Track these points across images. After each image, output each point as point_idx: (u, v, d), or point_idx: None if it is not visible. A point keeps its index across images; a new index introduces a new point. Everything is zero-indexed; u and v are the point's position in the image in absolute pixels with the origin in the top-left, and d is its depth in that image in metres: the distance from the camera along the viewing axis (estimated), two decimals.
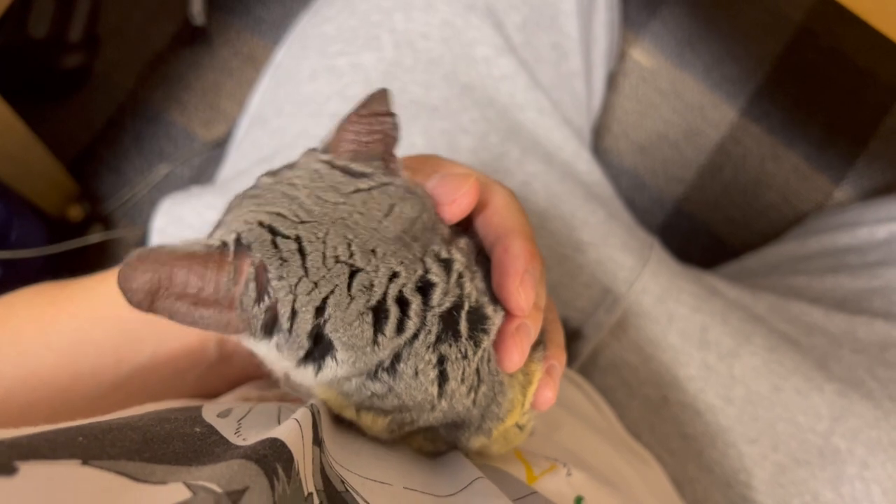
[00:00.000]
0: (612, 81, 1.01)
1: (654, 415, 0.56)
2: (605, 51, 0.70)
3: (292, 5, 1.02)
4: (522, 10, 0.61)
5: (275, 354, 0.28)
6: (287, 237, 0.26)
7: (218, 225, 0.28)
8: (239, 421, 0.28)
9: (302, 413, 0.27)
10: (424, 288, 0.28)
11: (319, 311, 0.26)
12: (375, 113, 0.30)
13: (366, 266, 0.27)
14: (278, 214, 0.27)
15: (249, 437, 0.26)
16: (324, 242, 0.26)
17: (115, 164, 0.98)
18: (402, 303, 0.27)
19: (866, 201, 0.85)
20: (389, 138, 0.30)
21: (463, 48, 0.60)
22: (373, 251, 0.27)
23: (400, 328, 0.27)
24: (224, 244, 0.26)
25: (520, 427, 0.35)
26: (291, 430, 0.25)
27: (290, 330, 0.26)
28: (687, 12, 1.04)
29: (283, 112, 0.61)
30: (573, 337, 0.57)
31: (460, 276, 0.29)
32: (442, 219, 0.30)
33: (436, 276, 0.28)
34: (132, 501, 0.20)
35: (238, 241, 0.26)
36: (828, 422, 0.53)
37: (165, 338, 0.39)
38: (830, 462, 0.53)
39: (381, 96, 0.30)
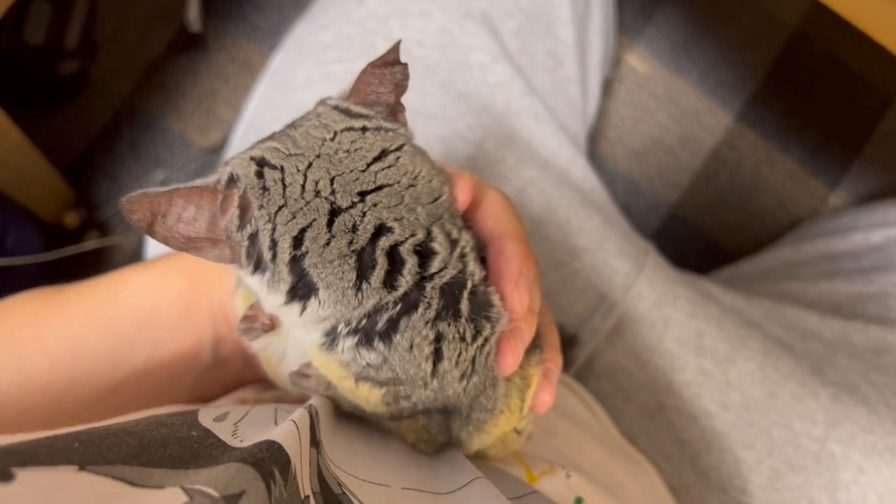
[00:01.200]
0: (608, 87, 1.02)
1: (650, 420, 0.56)
2: (601, 57, 0.71)
3: (288, 12, 1.02)
4: (518, 18, 0.62)
5: (265, 291, 0.28)
6: (273, 167, 0.27)
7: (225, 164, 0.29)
8: (235, 424, 0.28)
9: (299, 414, 0.27)
10: (424, 254, 0.28)
11: (297, 242, 0.27)
12: (388, 63, 0.30)
13: (348, 207, 0.27)
14: (274, 149, 0.28)
15: (246, 439, 0.26)
16: (304, 175, 0.27)
17: (111, 171, 0.98)
18: (396, 261, 0.27)
19: (861, 206, 0.85)
20: (400, 87, 0.31)
21: (459, 55, 0.60)
22: (361, 196, 0.27)
23: (389, 283, 0.27)
24: (220, 178, 0.27)
25: (518, 432, 0.35)
26: (289, 433, 0.25)
27: (273, 260, 0.27)
28: (682, 18, 1.05)
29: (279, 118, 0.61)
30: (569, 343, 0.57)
31: (464, 254, 0.29)
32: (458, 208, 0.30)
33: (439, 245, 0.28)
34: None
35: (231, 175, 0.27)
36: (823, 427, 0.53)
37: (160, 342, 0.39)
38: (826, 467, 0.53)
39: (394, 48, 0.31)
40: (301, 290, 0.27)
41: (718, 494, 0.54)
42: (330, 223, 0.27)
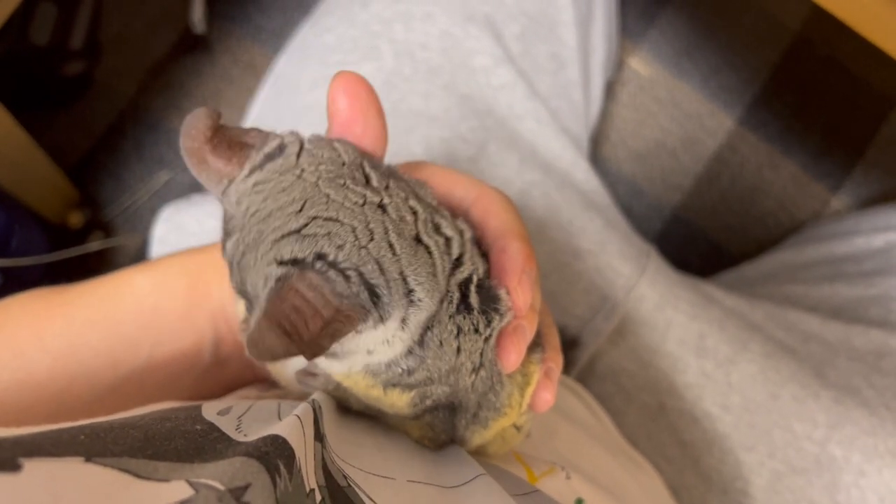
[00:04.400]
0: (611, 90, 1.02)
1: (652, 422, 0.56)
2: (604, 60, 0.71)
3: (293, 14, 1.02)
4: (521, 21, 0.62)
5: (391, 332, 0.27)
6: (313, 233, 0.25)
7: (249, 302, 0.27)
8: (239, 418, 0.28)
9: (303, 409, 0.28)
10: (439, 234, 0.28)
11: (391, 247, 0.26)
12: (207, 130, 0.28)
13: (382, 199, 0.26)
14: (275, 242, 0.26)
15: (250, 433, 0.26)
16: (326, 198, 0.26)
17: (115, 171, 0.98)
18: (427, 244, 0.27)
19: (863, 210, 0.85)
20: (227, 132, 0.28)
21: (462, 58, 0.60)
22: (368, 185, 0.27)
23: (442, 266, 0.27)
24: (278, 280, 0.25)
25: (517, 428, 0.35)
26: (292, 427, 0.25)
27: (388, 285, 0.25)
28: (685, 22, 1.05)
29: (283, 121, 0.62)
30: (571, 344, 0.58)
31: (471, 245, 0.29)
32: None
33: (449, 230, 0.28)
34: (135, 498, 0.20)
35: (278, 279, 0.25)
36: (824, 429, 0.54)
37: (161, 341, 0.39)
38: (827, 469, 0.53)
39: (192, 120, 0.28)
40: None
41: (720, 496, 0.54)
42: (389, 218, 0.26)
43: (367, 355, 0.28)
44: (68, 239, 0.92)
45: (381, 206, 0.26)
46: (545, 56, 0.63)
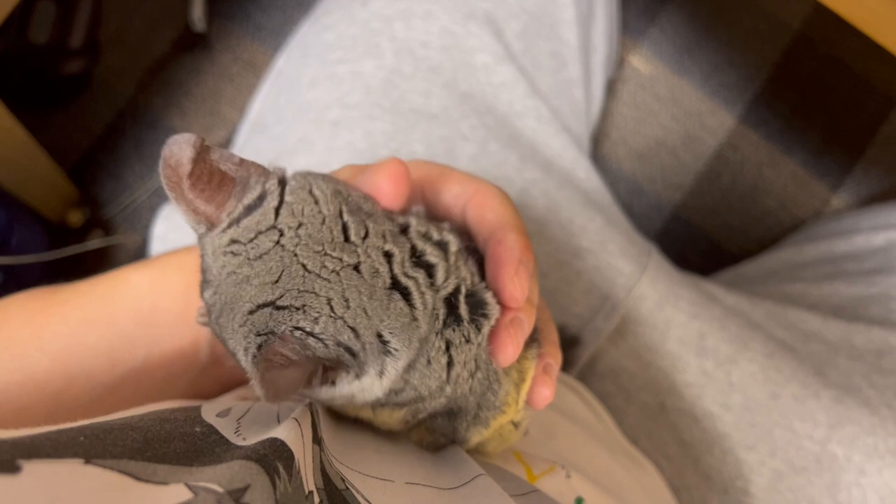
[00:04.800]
0: (611, 88, 1.02)
1: (652, 421, 0.56)
2: (604, 58, 0.71)
3: (292, 12, 1.02)
4: (522, 19, 0.62)
5: (369, 382, 0.28)
6: (288, 305, 0.26)
7: (229, 352, 0.28)
8: (238, 420, 0.28)
9: (301, 412, 0.27)
10: (421, 265, 0.28)
11: (365, 312, 0.26)
12: (182, 164, 0.26)
13: (358, 257, 0.26)
14: (249, 314, 0.26)
15: (249, 437, 0.26)
16: (303, 269, 0.26)
17: (115, 170, 0.98)
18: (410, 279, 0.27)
19: (863, 208, 0.85)
20: (210, 161, 0.27)
21: (462, 56, 0.60)
22: (347, 242, 0.27)
23: (423, 302, 0.27)
24: (255, 354, 0.26)
25: (515, 424, 0.35)
26: (291, 430, 0.25)
27: (363, 348, 0.26)
28: (686, 20, 1.05)
29: (283, 119, 0.62)
30: (571, 343, 0.57)
31: (456, 258, 0.29)
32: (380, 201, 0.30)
33: (433, 256, 0.28)
34: (134, 500, 0.20)
35: (258, 347, 0.26)
36: (825, 429, 0.53)
37: (158, 340, 0.39)
38: (827, 469, 0.53)
39: (174, 148, 0.27)
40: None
41: (720, 495, 0.54)
42: (363, 277, 0.26)
43: (349, 399, 0.29)
44: (68, 237, 0.92)
45: (356, 267, 0.26)
46: (546, 54, 0.63)
